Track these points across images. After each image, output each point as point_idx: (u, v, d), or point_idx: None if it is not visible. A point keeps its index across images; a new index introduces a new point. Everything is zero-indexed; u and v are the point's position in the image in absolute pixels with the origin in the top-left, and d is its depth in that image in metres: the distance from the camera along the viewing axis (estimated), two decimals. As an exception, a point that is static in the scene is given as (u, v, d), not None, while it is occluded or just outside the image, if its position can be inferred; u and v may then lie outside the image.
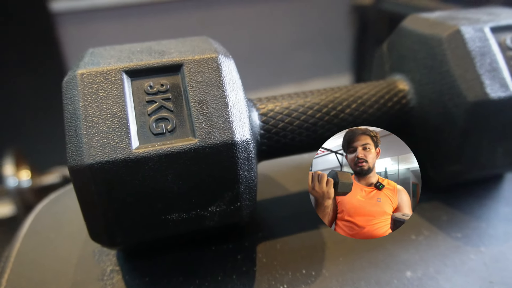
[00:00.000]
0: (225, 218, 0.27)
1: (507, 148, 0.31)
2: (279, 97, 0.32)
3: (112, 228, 0.25)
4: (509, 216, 0.33)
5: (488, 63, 0.29)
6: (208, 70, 0.26)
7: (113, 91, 0.25)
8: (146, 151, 0.23)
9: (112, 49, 0.28)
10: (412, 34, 0.33)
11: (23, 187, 1.08)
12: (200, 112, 0.25)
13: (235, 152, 0.25)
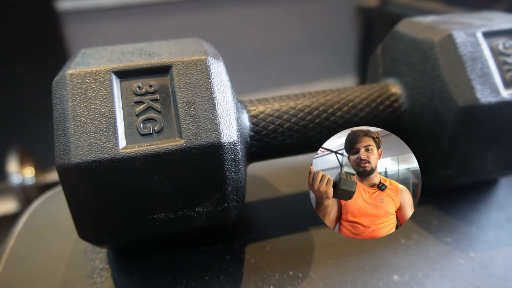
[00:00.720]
0: (212, 218, 0.27)
1: (498, 154, 0.31)
2: (270, 99, 0.32)
3: (99, 227, 0.25)
4: (500, 221, 0.33)
5: (480, 68, 0.29)
6: (197, 71, 0.26)
7: (101, 92, 0.25)
8: (133, 151, 0.24)
9: (104, 50, 0.29)
10: (405, 38, 0.33)
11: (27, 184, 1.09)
12: (188, 113, 0.25)
13: (221, 154, 0.25)
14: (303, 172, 0.41)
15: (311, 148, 0.32)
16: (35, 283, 0.30)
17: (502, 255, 0.30)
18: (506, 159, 0.31)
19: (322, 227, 0.33)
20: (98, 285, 0.29)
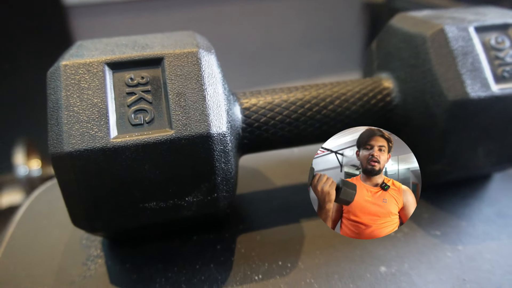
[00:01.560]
0: (203, 208, 0.27)
1: (489, 149, 0.31)
2: (263, 91, 0.33)
3: (91, 214, 0.26)
4: (490, 216, 0.33)
5: (470, 62, 0.29)
6: (188, 64, 0.27)
7: (94, 82, 0.25)
8: (124, 140, 0.24)
9: (99, 42, 0.29)
10: (399, 33, 0.33)
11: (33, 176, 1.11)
12: (178, 104, 0.26)
13: (210, 144, 0.25)
14: (298, 165, 0.41)
15: (303, 140, 0.33)
16: (31, 270, 0.31)
17: (490, 249, 0.30)
18: (498, 154, 0.31)
19: (312, 218, 0.33)
20: (91, 271, 0.30)
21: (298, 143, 0.33)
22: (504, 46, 0.31)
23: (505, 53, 0.30)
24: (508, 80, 0.30)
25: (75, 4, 1.63)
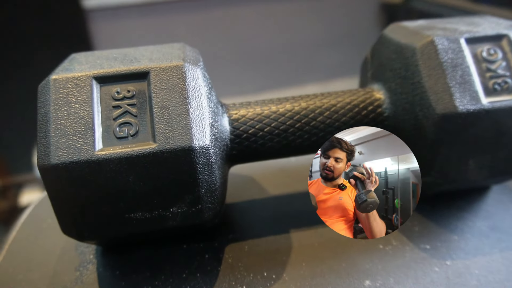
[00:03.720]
0: (187, 219, 0.28)
1: (480, 162, 0.30)
2: (253, 102, 0.33)
3: (79, 224, 0.27)
4: (483, 230, 0.32)
5: (460, 75, 0.29)
6: (173, 77, 0.27)
7: (82, 96, 0.26)
8: (108, 153, 0.25)
9: (92, 55, 0.30)
10: (391, 43, 0.33)
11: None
12: (162, 117, 0.26)
13: (193, 157, 0.26)
14: (294, 173, 0.42)
15: (292, 152, 0.33)
16: (28, 274, 0.32)
17: (479, 264, 0.29)
18: (490, 168, 0.31)
19: (302, 229, 0.33)
20: (83, 277, 0.31)
21: (287, 154, 0.33)
22: (496, 58, 0.30)
23: (497, 65, 0.30)
24: (500, 93, 0.29)
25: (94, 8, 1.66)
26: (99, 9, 1.67)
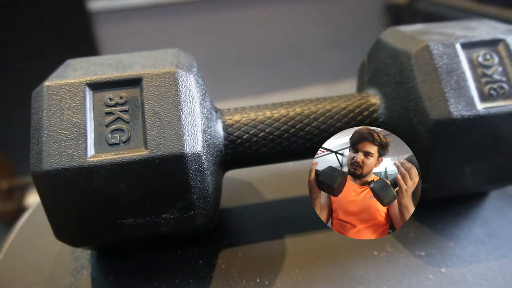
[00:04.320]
0: (180, 225, 0.28)
1: (476, 169, 0.30)
2: (248, 108, 0.33)
3: (72, 230, 0.27)
4: (481, 237, 0.32)
5: (455, 80, 0.29)
6: (165, 84, 0.27)
7: (74, 103, 0.26)
8: (100, 160, 0.25)
9: (86, 61, 0.30)
10: (387, 48, 0.33)
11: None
12: (153, 124, 0.26)
13: (184, 164, 0.26)
14: (291, 178, 0.41)
15: (286, 157, 0.33)
16: (25, 278, 0.32)
17: (474, 272, 0.29)
18: (487, 174, 0.31)
19: (297, 235, 0.33)
20: (78, 282, 0.31)
21: (282, 160, 0.33)
22: (492, 63, 0.30)
23: (493, 70, 0.29)
24: (496, 99, 0.29)
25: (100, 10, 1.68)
26: (105, 12, 1.68)
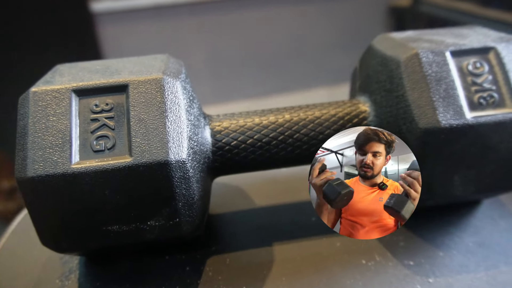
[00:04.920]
0: (165, 232, 0.28)
1: (466, 178, 0.30)
2: (237, 114, 0.33)
3: (57, 236, 0.27)
4: (471, 246, 0.32)
5: (444, 89, 0.28)
6: (151, 90, 0.27)
7: (60, 109, 0.26)
8: (84, 167, 0.25)
9: (75, 67, 0.30)
10: (378, 55, 0.33)
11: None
12: (138, 131, 0.26)
13: (169, 171, 0.26)
14: (283, 184, 0.41)
15: (275, 164, 0.33)
16: (13, 282, 0.32)
17: (462, 282, 0.29)
18: (477, 183, 0.30)
19: (285, 242, 0.33)
20: (65, 287, 0.31)
21: (271, 167, 0.33)
22: (482, 71, 0.29)
23: (483, 79, 0.29)
24: (485, 108, 0.28)
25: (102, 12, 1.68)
26: (107, 13, 1.69)
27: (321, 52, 2.04)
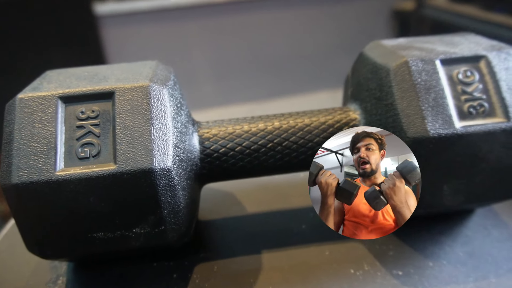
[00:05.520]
0: (151, 240, 0.28)
1: (455, 187, 0.29)
2: (226, 121, 0.33)
3: (42, 242, 0.27)
4: (461, 256, 0.31)
5: (433, 98, 0.28)
6: (137, 98, 0.27)
7: (46, 116, 0.26)
8: (68, 174, 0.25)
9: (65, 73, 0.30)
10: (368, 62, 0.33)
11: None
12: (124, 139, 0.26)
13: (153, 179, 0.26)
14: (275, 191, 0.41)
15: (264, 171, 0.32)
16: (3, 285, 0.32)
17: (451, 294, 0.28)
18: (466, 193, 0.30)
19: (274, 250, 0.33)
20: (52, 293, 0.31)
21: (259, 174, 0.33)
22: (473, 80, 0.29)
23: (474, 88, 0.29)
24: (475, 117, 0.28)
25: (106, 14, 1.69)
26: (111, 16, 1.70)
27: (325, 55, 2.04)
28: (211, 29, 1.87)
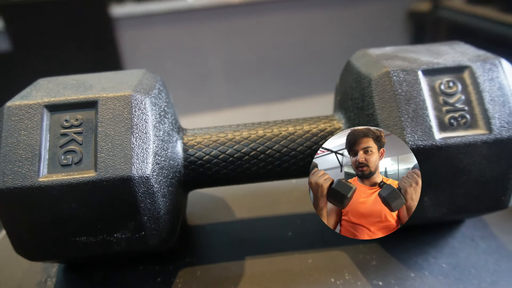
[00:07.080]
0: (131, 245, 0.28)
1: (437, 199, 0.29)
2: (212, 128, 0.33)
3: (28, 245, 0.28)
4: (444, 268, 0.31)
5: (413, 109, 0.28)
6: (119, 107, 0.28)
7: (32, 124, 0.27)
8: (51, 180, 0.26)
9: (55, 81, 0.32)
10: (354, 71, 0.33)
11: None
12: (104, 146, 0.27)
13: (132, 186, 0.26)
14: (265, 197, 0.41)
15: (247, 179, 0.33)
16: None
17: (429, 306, 0.28)
18: (448, 205, 0.29)
19: (258, 256, 0.33)
20: (41, 294, 0.32)
21: (243, 181, 0.33)
22: (455, 91, 0.29)
23: (456, 99, 0.28)
24: (456, 128, 0.28)
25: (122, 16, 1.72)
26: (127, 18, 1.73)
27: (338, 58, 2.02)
28: (224, 31, 1.88)
